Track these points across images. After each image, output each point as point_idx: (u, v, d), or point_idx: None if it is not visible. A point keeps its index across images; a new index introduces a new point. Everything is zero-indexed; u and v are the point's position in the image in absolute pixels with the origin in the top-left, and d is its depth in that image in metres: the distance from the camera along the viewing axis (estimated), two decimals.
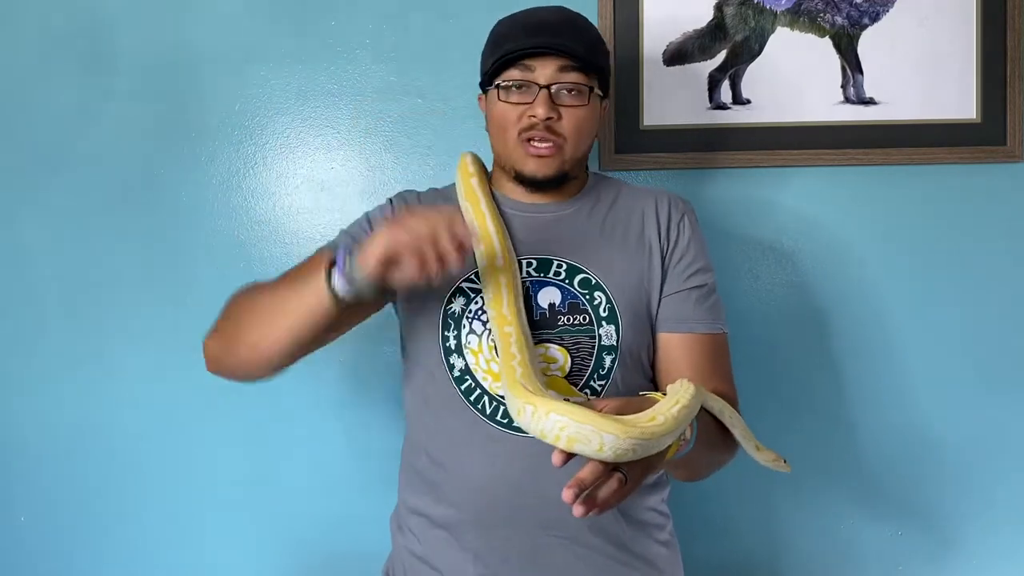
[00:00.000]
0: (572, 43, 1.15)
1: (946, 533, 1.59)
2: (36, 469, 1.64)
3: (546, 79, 1.16)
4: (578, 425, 0.87)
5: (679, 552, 1.27)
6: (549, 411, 0.90)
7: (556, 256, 1.20)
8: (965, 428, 1.58)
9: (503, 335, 1.10)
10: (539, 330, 1.16)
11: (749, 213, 1.58)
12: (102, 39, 1.61)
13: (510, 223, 1.23)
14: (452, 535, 1.17)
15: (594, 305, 1.17)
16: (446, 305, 1.19)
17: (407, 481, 1.25)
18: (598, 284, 1.18)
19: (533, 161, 1.18)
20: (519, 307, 1.14)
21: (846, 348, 1.58)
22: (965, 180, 1.56)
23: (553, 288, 1.18)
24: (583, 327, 1.16)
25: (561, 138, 1.17)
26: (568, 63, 1.16)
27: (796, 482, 1.58)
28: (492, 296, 1.15)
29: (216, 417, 1.62)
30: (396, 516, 1.28)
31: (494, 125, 1.21)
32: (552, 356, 1.15)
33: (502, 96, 1.18)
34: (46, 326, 1.63)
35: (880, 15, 1.55)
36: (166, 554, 1.64)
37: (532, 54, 1.15)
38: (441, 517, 1.18)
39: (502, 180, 1.26)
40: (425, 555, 1.19)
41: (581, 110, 1.17)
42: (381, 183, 1.60)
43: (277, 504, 1.62)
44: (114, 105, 1.61)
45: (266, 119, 1.61)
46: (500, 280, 1.15)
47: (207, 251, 1.61)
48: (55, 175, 1.62)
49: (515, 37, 1.17)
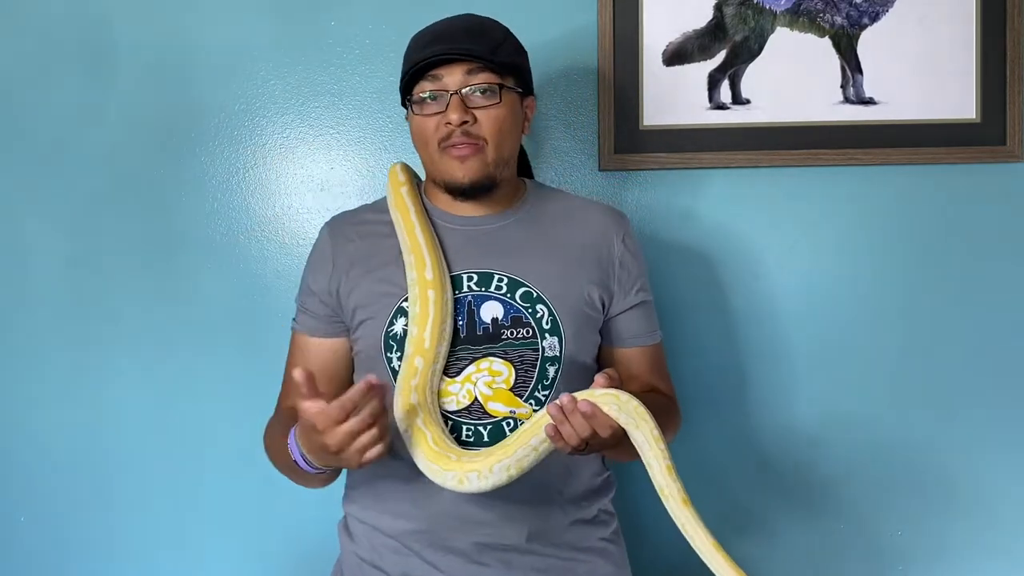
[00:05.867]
0: (473, 46, 1.17)
1: (946, 533, 1.59)
2: (36, 469, 1.64)
3: (455, 84, 1.17)
4: (515, 456, 1.05)
5: (624, 547, 1.30)
6: (491, 465, 1.05)
7: (496, 270, 1.20)
8: (965, 428, 1.58)
9: (410, 367, 1.13)
10: (483, 344, 1.17)
11: (749, 213, 1.58)
12: (102, 39, 1.61)
13: (448, 237, 1.23)
14: (399, 543, 1.20)
15: (536, 318, 1.18)
16: (387, 327, 1.19)
17: (353, 492, 1.27)
18: (539, 297, 1.19)
19: (456, 165, 1.18)
20: (443, 328, 1.15)
21: (846, 348, 1.58)
22: (965, 180, 1.56)
23: (495, 302, 1.19)
24: (526, 340, 1.17)
25: (481, 140, 1.18)
26: (474, 65, 1.17)
27: (796, 482, 1.59)
28: (418, 313, 1.15)
29: (217, 417, 1.62)
30: (343, 523, 1.30)
31: (416, 140, 1.22)
32: (497, 370, 1.16)
33: (417, 110, 1.19)
34: (46, 326, 1.63)
35: (880, 15, 1.55)
36: (166, 554, 1.64)
37: (437, 63, 1.17)
38: (387, 528, 1.21)
39: (436, 193, 1.26)
40: (373, 560, 1.22)
41: (495, 109, 1.18)
42: (381, 183, 1.60)
43: (276, 506, 1.61)
44: (114, 104, 1.61)
45: (266, 119, 1.61)
46: (428, 295, 1.15)
47: (207, 251, 1.61)
48: (55, 175, 1.62)
49: (419, 50, 1.19)
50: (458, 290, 1.19)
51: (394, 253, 1.22)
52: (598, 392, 1.03)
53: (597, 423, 1.01)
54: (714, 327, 1.58)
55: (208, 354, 1.61)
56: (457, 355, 1.17)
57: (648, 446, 1.03)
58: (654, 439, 1.03)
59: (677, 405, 1.31)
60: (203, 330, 1.61)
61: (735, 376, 1.59)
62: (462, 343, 1.17)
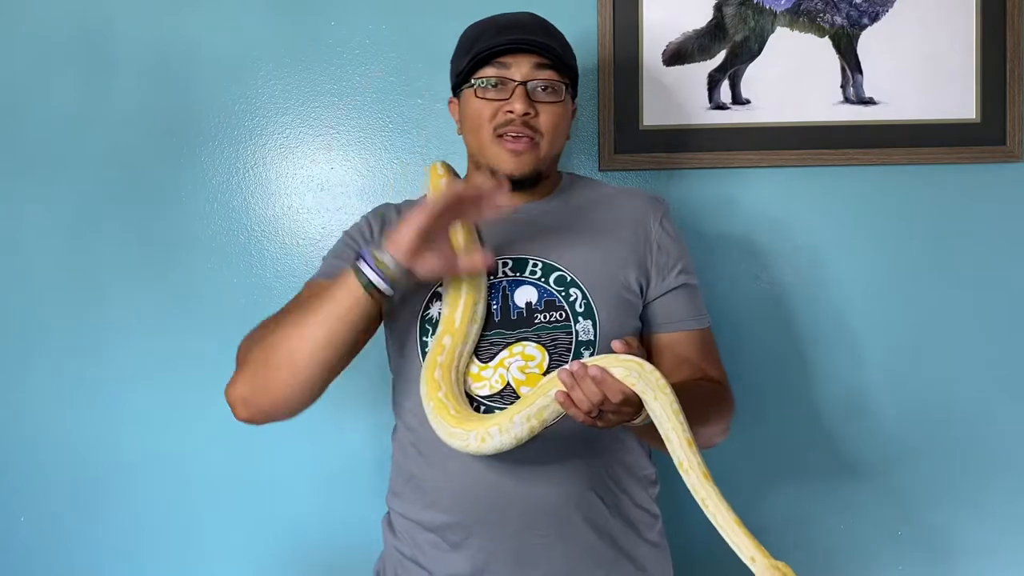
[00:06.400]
0: (547, 41, 1.18)
1: (946, 533, 1.59)
2: (36, 469, 1.64)
3: (522, 75, 1.18)
4: (535, 406, 1.04)
5: (668, 553, 1.27)
6: (511, 417, 1.04)
7: (531, 255, 1.21)
8: (965, 428, 1.58)
9: (438, 344, 1.14)
10: (517, 329, 1.17)
11: (749, 213, 1.58)
12: (102, 39, 1.61)
13: (484, 225, 1.24)
14: (441, 537, 1.18)
15: (570, 302, 1.18)
16: (423, 311, 1.20)
17: (395, 486, 1.26)
18: (573, 281, 1.19)
19: (510, 157, 1.19)
20: (475, 312, 1.15)
21: (845, 347, 1.58)
22: (965, 180, 1.56)
23: (529, 287, 1.19)
24: (559, 324, 1.17)
25: (538, 134, 1.19)
26: (543, 60, 1.18)
27: (796, 482, 1.59)
28: (450, 297, 1.16)
29: (217, 416, 1.61)
30: (387, 518, 1.29)
31: (469, 123, 1.22)
32: (530, 354, 1.16)
33: (479, 94, 1.20)
34: (46, 326, 1.63)
35: (880, 15, 1.55)
36: (166, 554, 1.64)
37: (507, 51, 1.18)
38: (429, 521, 1.19)
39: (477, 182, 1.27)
40: (415, 556, 1.21)
41: (557, 107, 1.19)
42: (381, 183, 1.60)
43: (275, 504, 1.62)
44: (114, 105, 1.61)
45: (266, 119, 1.61)
46: (461, 283, 1.16)
47: (207, 251, 1.61)
48: (55, 175, 1.62)
49: (488, 36, 1.20)
50: (493, 276, 1.19)
51: None
52: (623, 357, 1.01)
53: (607, 388, 0.99)
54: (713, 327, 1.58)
55: (209, 354, 1.60)
56: (490, 340, 1.17)
57: (666, 417, 1.01)
58: (673, 411, 1.01)
59: (730, 392, 1.26)
60: (203, 330, 1.61)
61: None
62: (496, 328, 1.17)
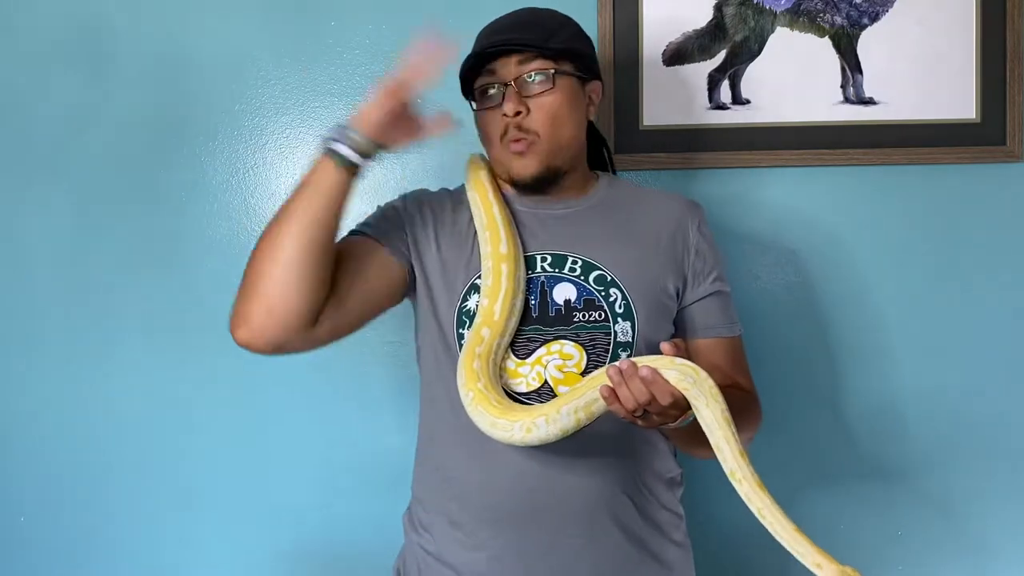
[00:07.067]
0: (524, 35, 1.18)
1: (946, 533, 1.59)
2: (36, 468, 1.64)
3: (509, 75, 1.18)
4: (583, 398, 1.02)
5: (691, 553, 1.27)
6: (559, 408, 1.03)
7: (571, 252, 1.21)
8: (965, 428, 1.58)
9: (476, 335, 1.13)
10: (555, 327, 1.17)
11: (748, 213, 1.58)
12: (102, 39, 1.61)
13: (524, 219, 1.24)
14: (466, 534, 1.17)
15: (610, 302, 1.18)
16: (461, 303, 1.19)
17: (420, 480, 1.25)
18: (613, 281, 1.19)
19: (515, 160, 1.19)
20: (514, 303, 1.15)
21: (845, 347, 1.58)
22: (965, 180, 1.56)
23: (568, 284, 1.19)
24: (598, 323, 1.17)
25: (533, 134, 1.18)
26: (525, 54, 1.18)
27: (797, 482, 1.59)
28: (490, 285, 1.15)
29: (219, 415, 1.62)
30: (409, 514, 1.28)
31: (482, 138, 1.24)
32: (568, 353, 1.16)
33: (480, 105, 1.21)
34: (46, 326, 1.63)
35: (880, 15, 1.55)
36: (167, 553, 1.64)
37: (491, 57, 1.18)
38: (456, 516, 1.18)
39: (507, 185, 1.27)
40: (439, 553, 1.20)
41: (549, 96, 1.18)
42: (381, 183, 1.60)
43: (281, 501, 1.62)
44: (114, 105, 1.61)
45: (266, 119, 1.61)
46: (501, 269, 1.15)
47: (207, 251, 1.61)
48: (55, 175, 1.62)
49: (476, 47, 1.21)
50: (531, 270, 1.19)
51: (471, 231, 1.22)
52: (678, 361, 1.00)
53: (657, 389, 0.98)
54: None
55: (209, 355, 1.60)
56: (528, 336, 1.17)
57: (717, 426, 0.99)
58: (725, 420, 0.99)
59: (759, 403, 1.27)
60: (204, 330, 1.61)
61: None
62: (534, 323, 1.17)
